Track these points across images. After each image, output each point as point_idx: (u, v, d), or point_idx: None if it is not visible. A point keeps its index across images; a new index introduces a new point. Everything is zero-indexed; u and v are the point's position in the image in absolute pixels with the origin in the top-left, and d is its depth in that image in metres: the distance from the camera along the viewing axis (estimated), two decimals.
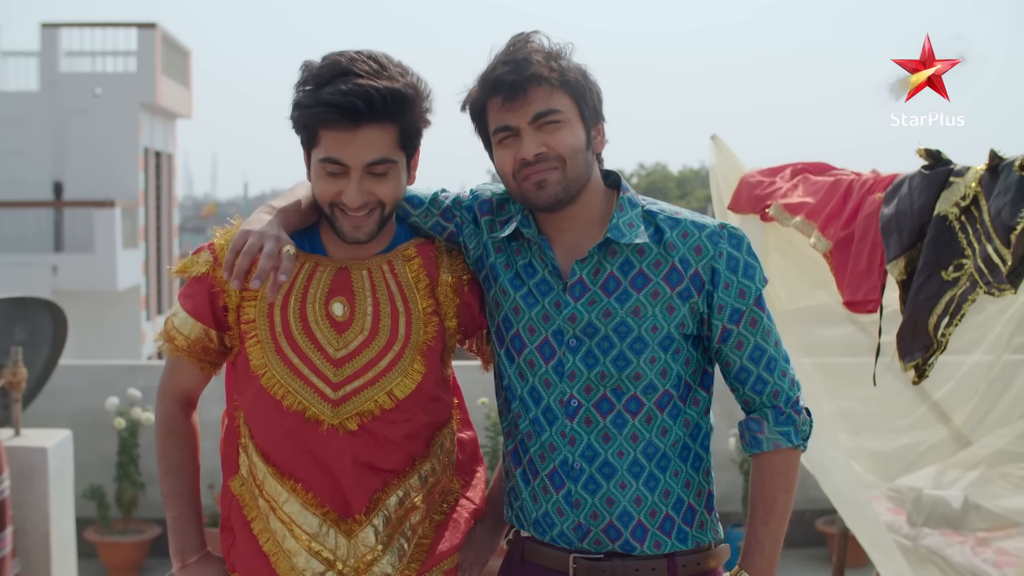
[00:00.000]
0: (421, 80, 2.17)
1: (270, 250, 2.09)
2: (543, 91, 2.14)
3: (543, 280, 2.22)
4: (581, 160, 2.17)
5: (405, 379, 2.24)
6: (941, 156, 3.01)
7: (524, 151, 2.15)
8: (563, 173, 2.15)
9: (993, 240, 2.72)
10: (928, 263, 2.91)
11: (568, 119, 2.15)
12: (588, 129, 2.19)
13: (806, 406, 2.23)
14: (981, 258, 2.77)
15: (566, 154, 2.15)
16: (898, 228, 3.02)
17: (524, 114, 2.14)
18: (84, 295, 17.05)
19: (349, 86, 2.06)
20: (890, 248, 3.04)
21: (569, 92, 2.15)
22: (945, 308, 2.87)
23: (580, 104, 2.17)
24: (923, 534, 4.26)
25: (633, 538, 2.18)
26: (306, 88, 2.11)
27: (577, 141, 2.16)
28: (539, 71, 2.13)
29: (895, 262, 3.01)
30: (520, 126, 2.15)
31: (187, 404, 2.38)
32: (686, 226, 2.19)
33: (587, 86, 2.18)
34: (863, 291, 3.20)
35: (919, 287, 2.93)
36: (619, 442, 2.17)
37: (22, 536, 4.59)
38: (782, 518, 2.21)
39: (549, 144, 2.14)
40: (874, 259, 3.16)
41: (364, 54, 2.13)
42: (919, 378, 3.02)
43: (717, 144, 4.09)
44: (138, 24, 20.15)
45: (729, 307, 2.17)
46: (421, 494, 2.28)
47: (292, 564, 2.24)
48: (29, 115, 19.26)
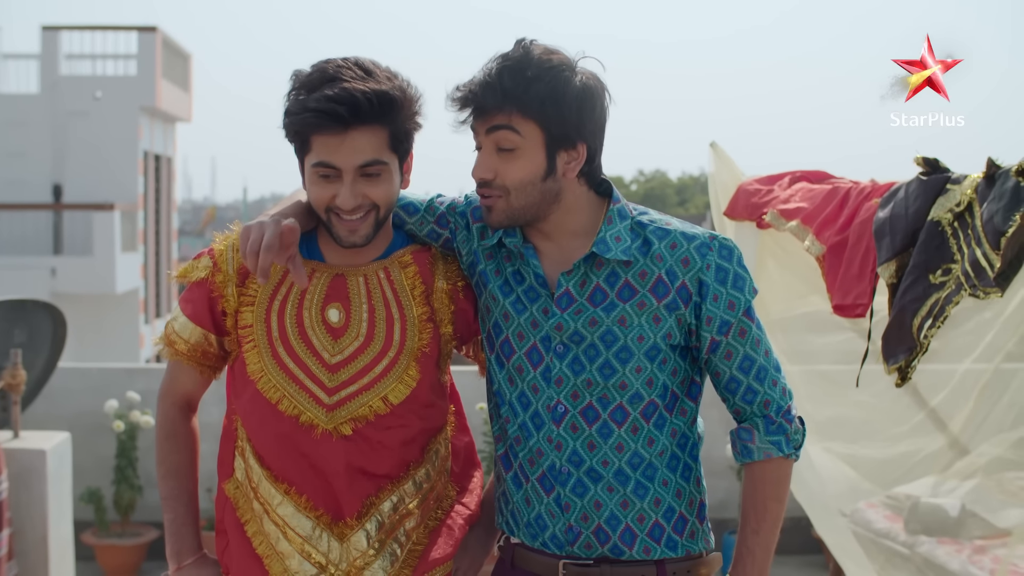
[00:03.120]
0: (410, 84, 2.19)
1: (269, 242, 2.09)
2: (502, 114, 2.11)
3: (531, 287, 2.22)
4: (532, 192, 2.14)
5: (400, 385, 2.25)
6: (939, 164, 3.02)
7: (474, 170, 2.17)
8: (507, 202, 2.15)
9: (983, 244, 2.73)
10: (917, 265, 2.93)
11: (524, 147, 2.12)
12: (552, 157, 2.13)
13: (799, 415, 2.24)
14: (969, 262, 2.78)
15: (512, 185, 2.14)
16: (891, 232, 3.03)
17: (480, 131, 2.15)
18: (83, 298, 17.03)
19: (335, 91, 2.08)
20: (882, 251, 3.05)
21: (532, 117, 2.10)
22: (929, 310, 2.88)
23: (545, 129, 2.11)
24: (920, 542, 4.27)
25: (622, 542, 2.18)
26: (295, 96, 2.14)
27: (527, 173, 2.13)
28: (499, 92, 2.09)
29: (886, 265, 3.02)
30: (480, 143, 2.16)
31: (187, 408, 2.39)
32: (675, 237, 2.18)
33: (559, 110, 2.10)
34: (853, 295, 3.21)
35: (906, 288, 2.94)
36: (604, 451, 2.18)
37: (20, 538, 4.59)
38: (773, 527, 2.21)
39: (499, 171, 2.14)
40: (866, 264, 3.17)
41: (351, 60, 2.15)
42: (902, 380, 3.03)
43: (716, 151, 4.10)
44: (138, 27, 20.15)
45: (718, 319, 2.16)
46: (416, 500, 2.29)
47: (285, 566, 2.25)
48: (29, 118, 19.25)
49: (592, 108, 2.15)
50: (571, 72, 2.12)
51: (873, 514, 4.52)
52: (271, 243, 2.09)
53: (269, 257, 2.10)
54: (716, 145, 4.11)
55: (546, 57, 2.11)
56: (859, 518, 4.49)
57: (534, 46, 2.13)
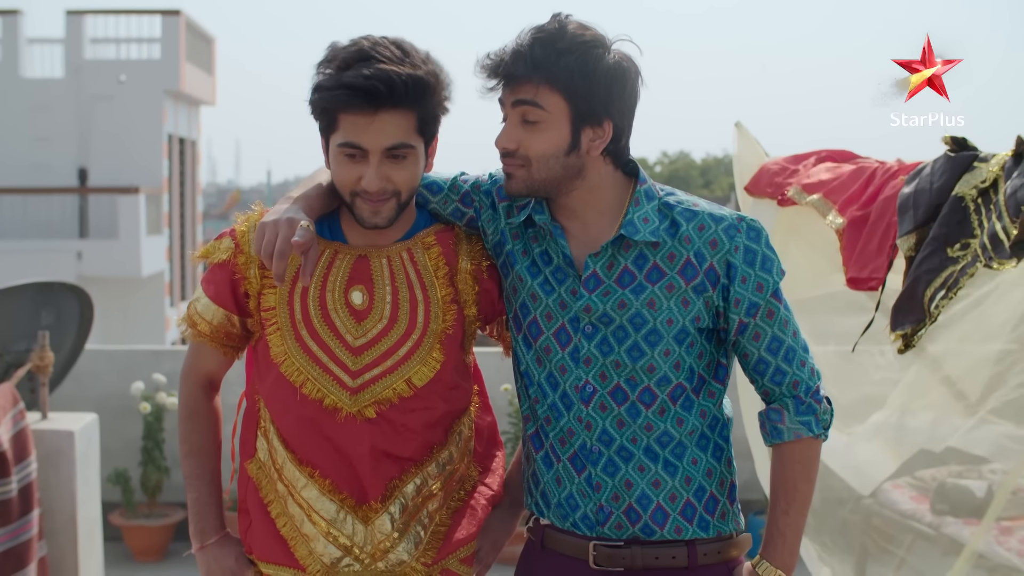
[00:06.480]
0: (442, 69, 2.18)
1: (281, 248, 2.09)
2: (530, 84, 2.10)
3: (559, 268, 2.21)
4: (553, 165, 2.13)
5: (423, 367, 2.25)
6: (967, 143, 3.00)
7: (498, 139, 2.16)
8: (527, 172, 2.15)
9: (1003, 218, 2.73)
10: (936, 238, 2.92)
11: (549, 120, 2.11)
12: (576, 132, 2.12)
13: (826, 395, 2.23)
14: (988, 235, 2.77)
15: (534, 156, 2.13)
16: (915, 205, 3.02)
17: (507, 102, 2.14)
18: (108, 281, 17.16)
19: (371, 70, 2.06)
20: (904, 223, 3.04)
21: (560, 90, 2.09)
22: (944, 282, 2.88)
23: (572, 104, 2.10)
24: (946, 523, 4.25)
25: (653, 521, 2.18)
26: (327, 71, 2.12)
27: (550, 146, 2.12)
28: (529, 62, 2.08)
29: (906, 237, 3.01)
30: (506, 114, 2.16)
31: (209, 387, 2.40)
32: (703, 219, 2.17)
33: (587, 85, 2.09)
34: (869, 269, 3.20)
35: (923, 259, 2.94)
36: (633, 429, 2.18)
37: (49, 518, 4.63)
38: (803, 507, 2.21)
39: (522, 142, 2.13)
40: (886, 240, 3.15)
41: (388, 40, 2.14)
42: (905, 348, 3.02)
43: (741, 131, 4.07)
44: (162, 11, 20.22)
45: (746, 301, 2.16)
46: (439, 481, 2.30)
47: (310, 549, 2.26)
48: (54, 102, 19.37)
49: (622, 87, 2.13)
50: (604, 49, 2.11)
51: (898, 495, 4.50)
52: (283, 249, 2.09)
53: (283, 264, 2.10)
54: (741, 125, 4.08)
55: (580, 32, 2.10)
56: (884, 499, 4.47)
57: (569, 21, 2.12)
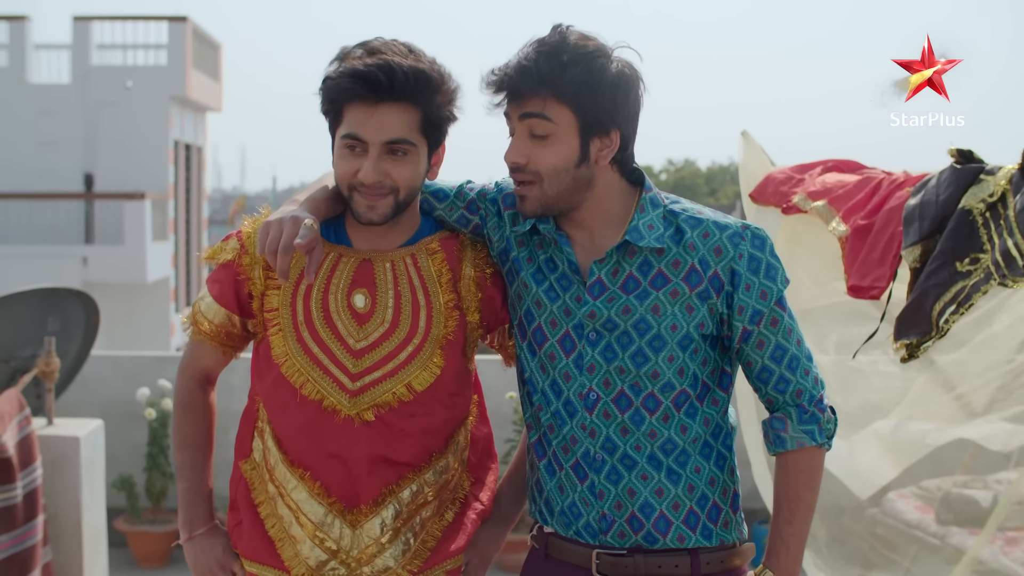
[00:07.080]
0: (451, 75, 2.19)
1: (286, 244, 2.10)
2: (536, 98, 2.10)
3: (563, 275, 2.22)
4: (564, 178, 2.14)
5: (424, 372, 2.25)
6: (973, 155, 3.00)
7: (507, 154, 2.17)
8: (540, 190, 2.15)
9: (1015, 234, 2.73)
10: (943, 251, 2.91)
11: (557, 133, 2.12)
12: (585, 143, 2.12)
13: (830, 404, 2.23)
14: (1000, 252, 2.77)
15: (544, 171, 2.14)
16: (920, 217, 3.02)
17: (513, 116, 2.15)
18: (114, 287, 17.19)
19: (376, 60, 2.11)
20: (909, 235, 3.04)
21: (567, 102, 2.10)
22: (954, 297, 2.87)
23: (579, 115, 2.10)
24: (951, 533, 4.25)
25: (656, 530, 2.18)
26: (335, 66, 2.17)
27: (560, 159, 2.13)
28: (534, 76, 2.09)
29: (911, 248, 3.01)
30: (513, 128, 2.16)
31: (205, 381, 2.42)
32: (707, 226, 2.17)
33: (593, 96, 2.09)
34: (871, 278, 3.20)
35: (930, 272, 2.93)
36: (636, 437, 2.18)
37: (54, 524, 4.63)
38: (807, 517, 2.21)
39: (531, 157, 2.14)
40: (889, 249, 3.15)
41: (399, 41, 2.18)
42: (908, 357, 3.02)
43: (747, 141, 4.08)
44: (169, 17, 20.28)
45: (750, 308, 2.16)
46: (434, 489, 2.30)
47: (296, 551, 2.27)
48: (61, 107, 19.43)
49: (627, 95, 2.14)
50: (607, 59, 2.12)
51: (904, 505, 4.50)
52: (287, 245, 2.10)
53: (287, 260, 2.11)
54: (747, 134, 4.09)
55: (583, 43, 2.11)
56: (889, 508, 4.47)
57: (570, 31, 2.13)
